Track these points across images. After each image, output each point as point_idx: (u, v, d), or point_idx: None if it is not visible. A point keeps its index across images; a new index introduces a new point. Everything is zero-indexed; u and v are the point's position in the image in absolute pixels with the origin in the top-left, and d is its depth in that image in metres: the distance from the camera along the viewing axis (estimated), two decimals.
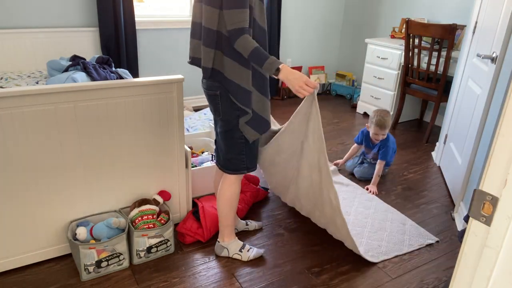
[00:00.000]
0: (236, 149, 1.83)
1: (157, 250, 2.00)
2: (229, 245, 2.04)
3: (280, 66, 1.62)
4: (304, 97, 1.73)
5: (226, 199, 1.93)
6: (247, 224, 2.27)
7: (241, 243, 2.07)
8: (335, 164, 3.07)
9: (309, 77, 4.94)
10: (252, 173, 2.77)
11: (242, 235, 2.24)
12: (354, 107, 4.52)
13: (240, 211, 2.32)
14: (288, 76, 1.64)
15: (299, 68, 4.80)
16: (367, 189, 2.74)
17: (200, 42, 1.74)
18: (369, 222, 2.38)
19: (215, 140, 1.97)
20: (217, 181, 2.11)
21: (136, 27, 3.72)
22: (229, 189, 1.92)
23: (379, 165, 2.80)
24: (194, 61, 1.81)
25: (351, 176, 2.99)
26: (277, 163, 2.12)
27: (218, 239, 2.07)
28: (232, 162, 1.86)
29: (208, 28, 1.65)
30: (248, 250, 2.05)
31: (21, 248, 1.88)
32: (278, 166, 2.14)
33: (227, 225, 2.00)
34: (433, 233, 2.33)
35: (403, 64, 3.73)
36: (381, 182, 2.88)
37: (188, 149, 2.20)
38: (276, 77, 1.65)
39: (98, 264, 1.85)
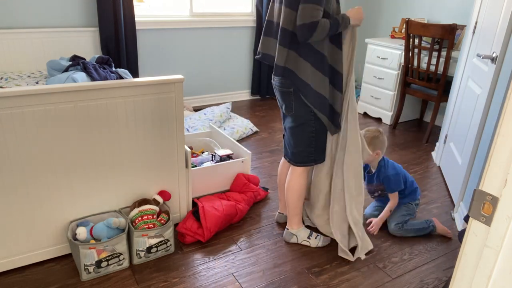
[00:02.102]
0: (306, 143, 1.95)
1: (157, 250, 2.00)
2: (298, 232, 2.15)
3: (348, 15, 1.81)
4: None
5: (294, 190, 2.05)
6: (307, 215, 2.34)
7: (309, 230, 2.17)
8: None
9: None
10: (252, 174, 2.77)
11: (242, 235, 2.24)
12: None
13: (241, 211, 2.32)
14: (353, 19, 1.84)
15: None
16: (370, 222, 2.30)
17: (273, 40, 1.89)
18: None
19: (283, 135, 2.09)
20: (283, 173, 2.23)
21: (136, 27, 3.72)
22: (297, 181, 2.03)
23: (392, 200, 2.29)
24: (265, 57, 1.95)
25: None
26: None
27: (286, 227, 2.18)
28: (300, 155, 1.98)
29: (284, 29, 1.77)
30: (316, 238, 2.16)
31: (21, 248, 1.88)
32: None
33: (296, 214, 2.11)
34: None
35: (403, 64, 3.73)
36: None
37: (188, 149, 2.20)
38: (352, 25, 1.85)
39: (98, 264, 1.85)
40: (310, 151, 1.97)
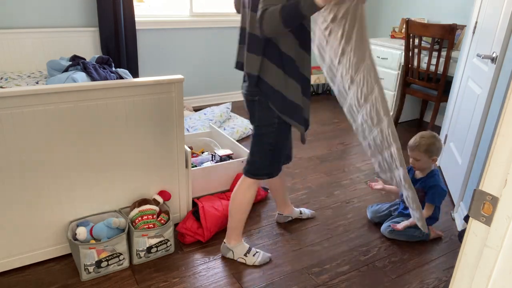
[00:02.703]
0: (262, 154, 1.83)
1: (157, 250, 2.00)
2: (235, 248, 2.02)
3: None
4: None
5: (239, 202, 1.92)
6: (301, 213, 2.33)
7: (247, 246, 2.04)
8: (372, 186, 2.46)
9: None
10: None
11: (242, 235, 2.24)
12: None
13: None
14: None
15: None
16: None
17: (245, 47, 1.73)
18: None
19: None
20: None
21: (136, 27, 3.72)
22: (244, 193, 1.90)
23: (427, 210, 2.20)
24: (239, 65, 1.82)
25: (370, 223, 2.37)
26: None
27: (224, 240, 2.05)
28: (254, 165, 1.86)
29: (251, 34, 1.65)
30: (254, 255, 2.02)
31: (21, 248, 1.88)
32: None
33: (235, 228, 1.98)
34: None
35: (403, 64, 3.73)
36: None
37: (188, 149, 2.20)
38: (322, 6, 1.42)
39: (98, 264, 1.85)
40: (265, 163, 1.84)
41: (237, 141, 3.32)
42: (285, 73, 1.67)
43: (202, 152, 2.83)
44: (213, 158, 2.67)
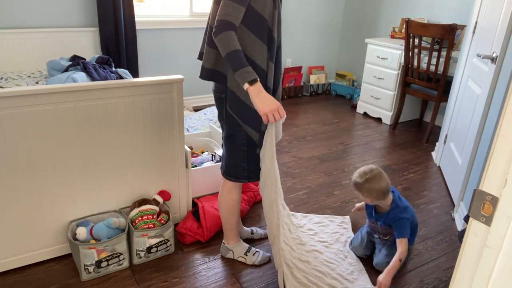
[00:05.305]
0: (238, 156, 1.77)
1: (157, 250, 2.00)
2: (234, 247, 2.03)
3: (257, 79, 1.51)
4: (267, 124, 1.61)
5: (226, 205, 1.91)
6: (252, 232, 2.21)
7: (247, 246, 2.05)
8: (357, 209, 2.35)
9: (309, 77, 4.94)
10: None
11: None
12: (354, 107, 4.52)
13: (241, 212, 2.32)
14: (261, 94, 1.51)
15: (299, 68, 4.80)
16: (378, 281, 1.84)
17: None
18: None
19: (222, 145, 1.89)
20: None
21: (136, 27, 3.72)
22: (228, 196, 1.89)
23: (400, 247, 1.90)
24: (200, 56, 1.79)
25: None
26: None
27: (223, 241, 2.05)
28: (233, 169, 1.81)
29: (211, 27, 1.62)
30: (253, 254, 2.03)
31: (21, 248, 1.88)
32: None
33: (230, 229, 1.98)
34: (433, 233, 2.33)
35: (403, 64, 3.73)
36: None
37: (188, 149, 2.20)
38: (245, 89, 1.52)
39: (98, 264, 1.85)
40: (243, 166, 1.77)
41: None
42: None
43: (202, 152, 2.83)
44: (213, 158, 2.67)
